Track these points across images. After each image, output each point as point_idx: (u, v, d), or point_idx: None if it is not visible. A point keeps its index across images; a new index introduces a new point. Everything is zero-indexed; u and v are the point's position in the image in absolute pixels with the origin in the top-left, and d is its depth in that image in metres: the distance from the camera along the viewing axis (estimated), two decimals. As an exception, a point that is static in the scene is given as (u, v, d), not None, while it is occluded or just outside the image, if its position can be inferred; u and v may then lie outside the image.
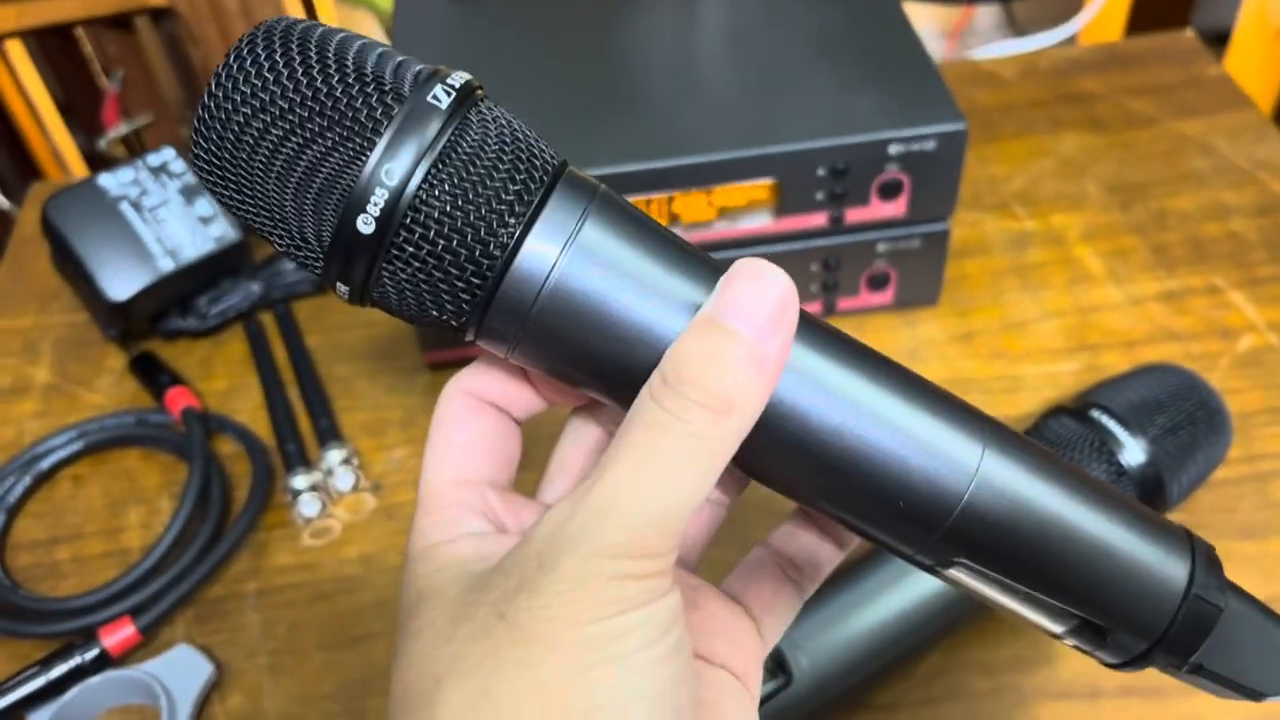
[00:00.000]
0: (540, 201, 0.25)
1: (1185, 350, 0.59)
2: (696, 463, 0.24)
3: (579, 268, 0.25)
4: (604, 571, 0.24)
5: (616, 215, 0.26)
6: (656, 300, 0.26)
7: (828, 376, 0.26)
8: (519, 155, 0.25)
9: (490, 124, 0.25)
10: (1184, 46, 0.78)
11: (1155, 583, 0.29)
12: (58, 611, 0.52)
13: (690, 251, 0.27)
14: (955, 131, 0.54)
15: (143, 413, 0.60)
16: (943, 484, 0.27)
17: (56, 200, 0.60)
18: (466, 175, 0.24)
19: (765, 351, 0.24)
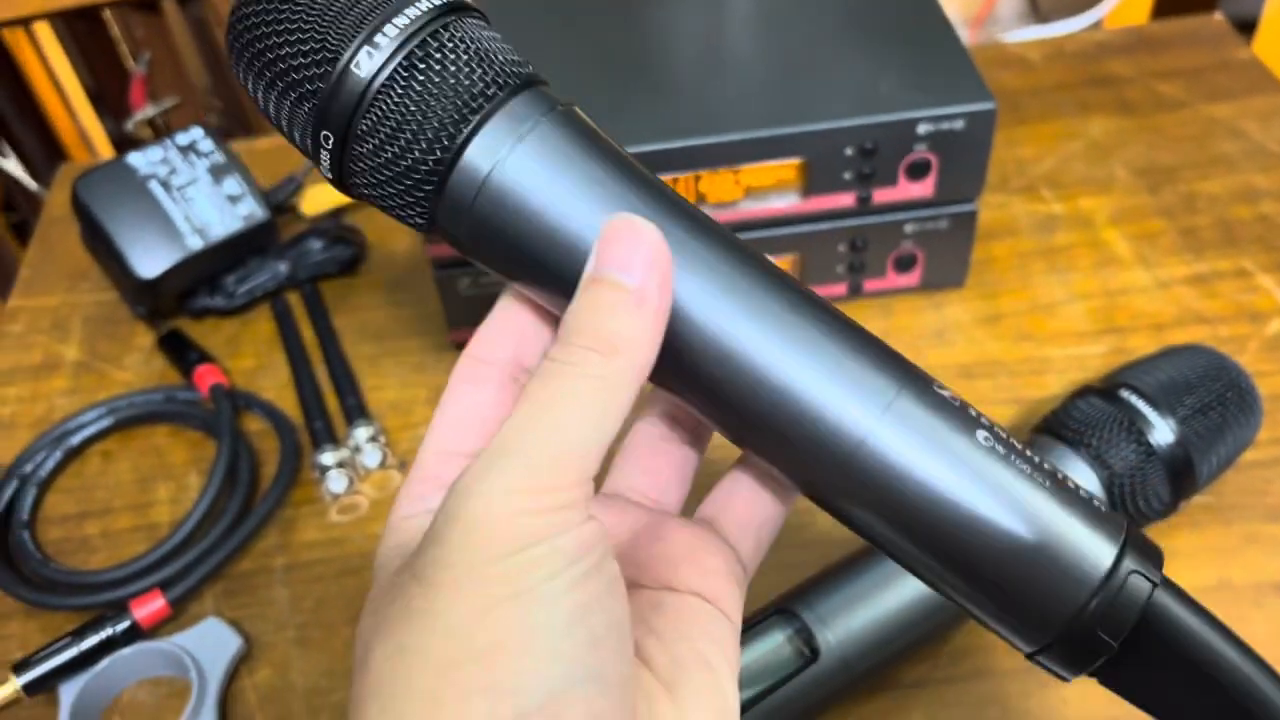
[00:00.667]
0: (496, 107, 0.27)
1: (1214, 333, 0.59)
2: (590, 401, 0.25)
3: (519, 169, 0.27)
4: (502, 510, 0.24)
5: (571, 130, 0.28)
6: (590, 212, 0.27)
7: (740, 319, 0.27)
8: (486, 64, 0.27)
9: (467, 37, 0.27)
10: (1213, 30, 0.78)
11: (1073, 560, 0.27)
12: (89, 584, 0.52)
13: (642, 176, 0.28)
14: (984, 111, 0.53)
15: (171, 390, 0.60)
16: (845, 421, 0.27)
17: (87, 179, 0.61)
18: (429, 77, 0.27)
19: (643, 293, 0.26)
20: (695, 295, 0.27)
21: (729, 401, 0.28)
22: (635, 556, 0.31)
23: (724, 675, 0.29)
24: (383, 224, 0.70)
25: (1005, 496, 0.27)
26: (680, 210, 0.28)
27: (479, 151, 0.27)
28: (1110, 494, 0.46)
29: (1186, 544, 0.50)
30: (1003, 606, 0.28)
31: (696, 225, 0.28)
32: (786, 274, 0.29)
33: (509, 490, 0.25)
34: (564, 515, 0.25)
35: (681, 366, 0.28)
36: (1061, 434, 0.48)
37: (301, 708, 0.49)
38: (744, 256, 0.28)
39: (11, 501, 0.56)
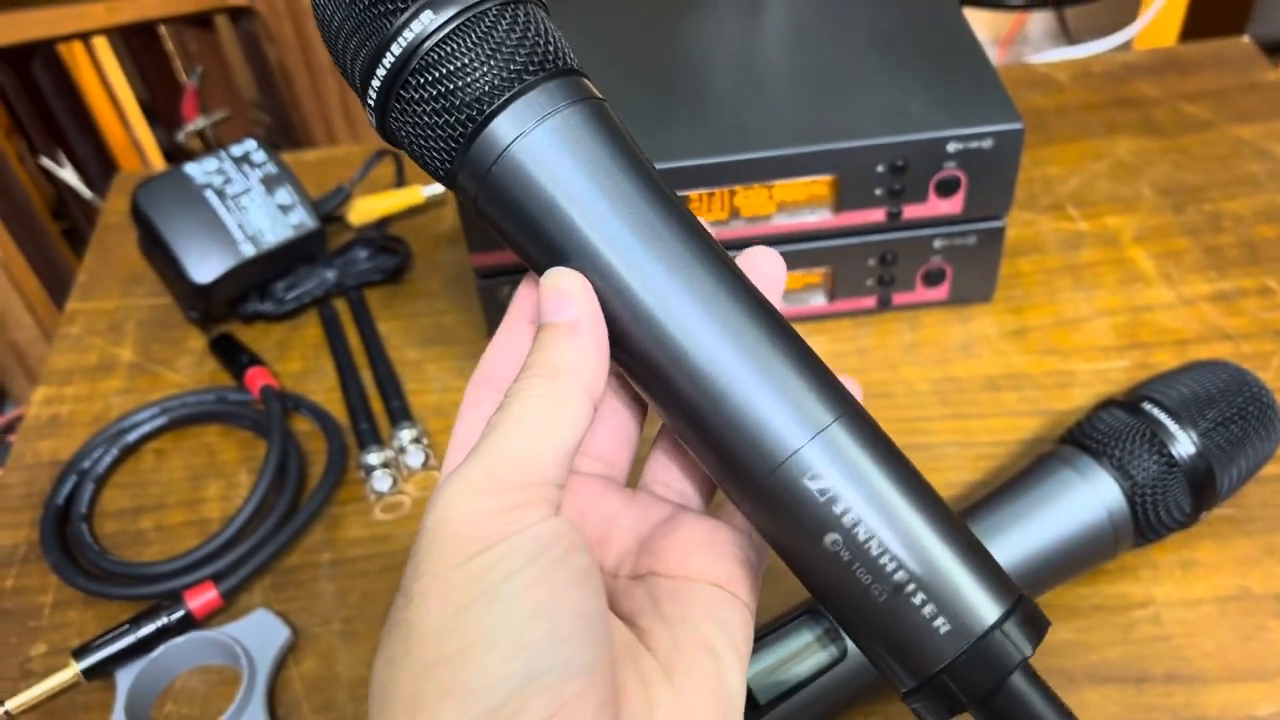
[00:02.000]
0: (533, 85, 0.29)
1: (1237, 350, 0.60)
2: (540, 415, 0.28)
3: (538, 145, 0.29)
4: (463, 513, 0.27)
5: (595, 122, 0.30)
6: (591, 199, 0.29)
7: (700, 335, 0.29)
8: (533, 46, 0.30)
9: (523, 20, 0.30)
10: (1241, 52, 0.79)
11: (960, 609, 0.28)
12: (145, 575, 0.54)
13: (649, 178, 0.30)
14: (1012, 131, 0.55)
15: (223, 390, 0.63)
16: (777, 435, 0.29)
17: (146, 188, 0.63)
18: (478, 42, 0.29)
19: (576, 324, 0.29)
20: (658, 287, 0.29)
21: (677, 399, 0.30)
22: (654, 547, 0.32)
23: (727, 660, 0.30)
24: (427, 234, 0.72)
25: (909, 538, 0.28)
26: (674, 216, 0.30)
27: (506, 122, 0.29)
28: (1132, 505, 0.47)
29: (1208, 555, 0.52)
30: (885, 644, 0.29)
31: (686, 233, 0.30)
32: (754, 291, 0.31)
33: (467, 493, 0.27)
34: (521, 514, 0.27)
35: (632, 348, 0.30)
36: (1085, 445, 0.49)
37: (345, 697, 0.51)
38: (724, 271, 0.30)
39: (70, 496, 0.59)
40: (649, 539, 0.33)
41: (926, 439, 0.58)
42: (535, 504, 0.27)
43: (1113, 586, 0.51)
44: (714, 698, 0.29)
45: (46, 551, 0.56)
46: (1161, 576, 0.51)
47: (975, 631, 0.28)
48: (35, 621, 0.54)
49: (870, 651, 0.30)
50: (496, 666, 0.25)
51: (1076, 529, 0.48)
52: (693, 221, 0.30)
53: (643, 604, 0.31)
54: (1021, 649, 0.28)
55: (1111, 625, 0.49)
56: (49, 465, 0.61)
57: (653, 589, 0.31)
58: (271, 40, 0.93)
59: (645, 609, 0.31)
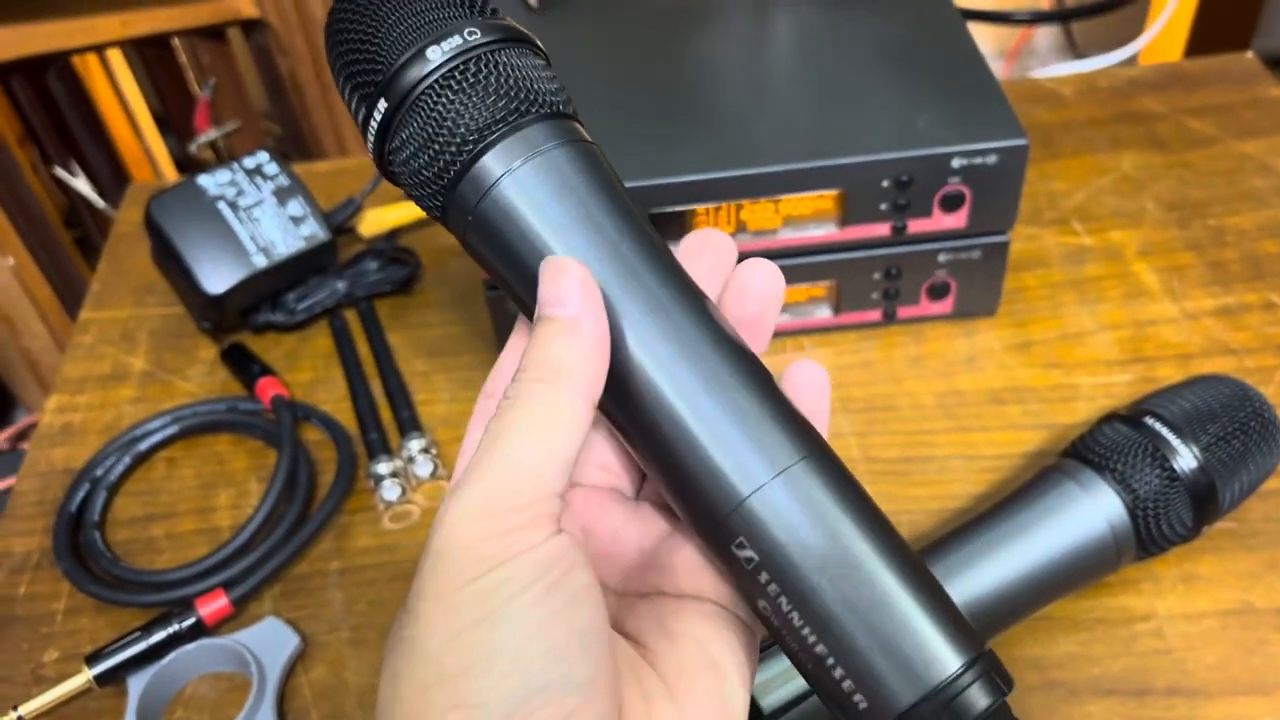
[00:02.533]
0: (518, 128, 0.30)
1: (1240, 364, 0.60)
2: (540, 425, 0.28)
3: (520, 185, 0.30)
4: (465, 537, 0.27)
5: (579, 163, 0.30)
6: (572, 239, 0.30)
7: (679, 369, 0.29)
8: (520, 89, 0.31)
9: (510, 64, 0.31)
10: (1245, 68, 0.80)
11: (876, 688, 0.27)
12: (157, 583, 0.55)
13: (630, 218, 0.31)
14: (1017, 146, 0.56)
15: (234, 400, 0.63)
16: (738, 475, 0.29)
17: (159, 199, 0.64)
18: (470, 88, 0.30)
19: (578, 321, 0.29)
20: (633, 322, 0.30)
21: (650, 437, 0.30)
22: (659, 563, 0.32)
23: (731, 678, 0.30)
24: (437, 246, 0.73)
25: (827, 614, 0.28)
26: (648, 250, 0.31)
27: (491, 162, 0.30)
28: (1134, 518, 0.48)
29: (1210, 569, 0.52)
30: (825, 700, 0.29)
31: (658, 265, 0.30)
32: (722, 326, 0.31)
33: (469, 518, 0.27)
34: (523, 536, 0.27)
35: (625, 402, 0.30)
36: (1088, 458, 0.49)
37: (353, 704, 0.51)
38: (691, 302, 0.30)
39: (83, 503, 0.59)
40: (654, 554, 0.33)
41: (931, 452, 0.58)
42: (537, 523, 0.27)
43: (1115, 599, 0.51)
44: (715, 714, 0.29)
45: (59, 558, 0.56)
46: (1164, 590, 0.51)
47: (892, 711, 0.27)
48: (47, 628, 0.55)
49: (835, 687, 0.29)
50: (497, 684, 0.26)
51: (1079, 542, 0.48)
52: (673, 264, 0.31)
53: (649, 622, 0.31)
54: (977, 703, 0.27)
55: (1114, 638, 0.50)
56: (62, 473, 0.62)
57: (658, 607, 0.31)
58: (283, 52, 0.94)
59: (651, 627, 0.31)
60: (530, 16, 0.69)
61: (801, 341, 0.63)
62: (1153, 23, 1.23)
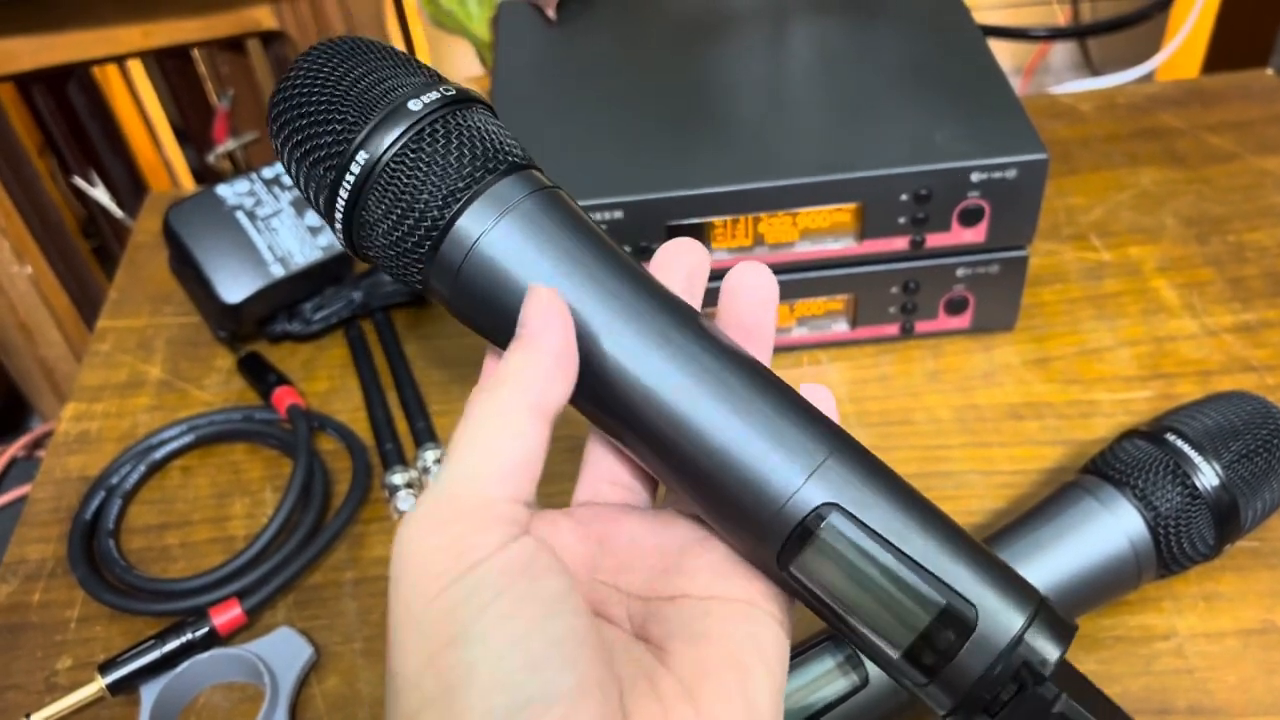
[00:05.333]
0: (485, 188, 0.31)
1: (1261, 381, 0.60)
2: (483, 430, 0.28)
3: (498, 242, 0.30)
4: (418, 551, 0.27)
5: (549, 211, 0.31)
6: (555, 281, 0.30)
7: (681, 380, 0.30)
8: (479, 149, 0.31)
9: (466, 126, 0.31)
10: (1265, 84, 0.79)
11: (985, 620, 0.28)
12: (171, 591, 0.55)
13: (607, 250, 0.31)
14: (1036, 161, 0.55)
15: (250, 409, 0.63)
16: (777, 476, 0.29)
17: (178, 208, 0.64)
18: (421, 161, 0.31)
19: (531, 332, 0.29)
20: (634, 352, 0.30)
21: (668, 457, 0.30)
22: (684, 566, 0.32)
23: (757, 675, 0.29)
24: (451, 257, 0.73)
25: (927, 568, 0.28)
26: (634, 279, 0.31)
27: (468, 222, 0.30)
28: (1155, 536, 0.47)
29: (1231, 587, 0.51)
30: (921, 669, 0.29)
31: (646, 292, 0.31)
32: (720, 338, 0.31)
33: (419, 533, 0.27)
34: (473, 542, 0.27)
35: (618, 413, 0.31)
36: (1108, 475, 0.49)
37: (366, 715, 0.51)
38: (686, 321, 0.31)
39: (98, 511, 0.59)
40: (677, 557, 0.32)
41: (948, 467, 0.58)
42: (486, 528, 0.27)
43: (1135, 618, 0.51)
44: (740, 714, 0.28)
45: (74, 566, 0.56)
46: (1184, 608, 0.51)
47: (999, 644, 0.28)
48: (61, 635, 0.55)
49: (910, 674, 0.29)
50: (480, 702, 0.25)
51: (1099, 559, 0.48)
52: (657, 286, 0.32)
53: (674, 625, 0.30)
54: (1047, 654, 0.28)
55: (1134, 656, 0.49)
56: (77, 481, 0.62)
57: (683, 610, 0.31)
58: (302, 64, 0.94)
59: (676, 631, 0.30)
60: (548, 29, 0.69)
61: (818, 355, 0.63)
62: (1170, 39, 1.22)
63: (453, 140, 0.31)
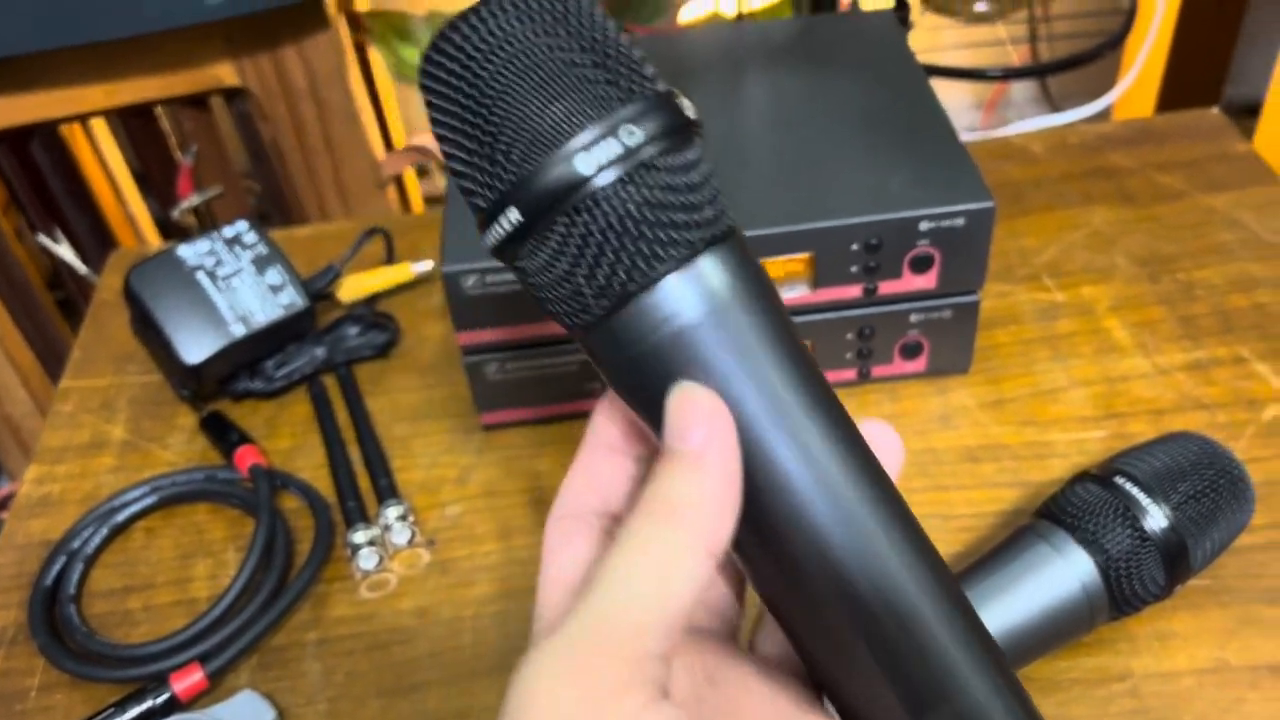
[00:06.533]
0: (692, 256, 0.26)
1: (1211, 419, 0.61)
2: (646, 574, 0.24)
3: (694, 330, 0.26)
4: (543, 705, 0.23)
5: (753, 299, 0.27)
6: (745, 390, 0.27)
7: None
8: (696, 205, 0.26)
9: (685, 168, 0.26)
10: (1211, 123, 0.81)
11: None
12: (131, 657, 0.55)
13: (799, 357, 0.28)
14: (983, 209, 0.56)
15: (212, 469, 0.63)
16: None
17: (139, 270, 0.65)
18: (652, 197, 0.25)
19: (701, 455, 0.25)
20: (814, 497, 0.27)
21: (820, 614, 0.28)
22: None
23: None
24: (416, 309, 0.73)
25: None
26: (824, 402, 0.28)
27: (660, 298, 0.26)
28: (1106, 578, 0.48)
29: (1184, 626, 0.52)
30: None
31: (836, 427, 0.28)
32: (898, 499, 0.29)
33: (549, 674, 0.23)
34: (613, 705, 0.23)
35: (775, 550, 0.27)
36: (1060, 519, 0.50)
37: (331, 778, 0.51)
38: (878, 482, 0.28)
39: (59, 576, 0.59)
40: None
41: (907, 511, 0.58)
42: (631, 689, 0.23)
43: (1091, 659, 0.51)
44: None
45: (35, 633, 0.56)
46: (1139, 649, 0.51)
47: None
48: (21, 704, 0.55)
49: None
50: None
51: (1052, 603, 0.48)
52: (839, 408, 0.29)
53: None
54: None
55: (1090, 698, 0.50)
56: (39, 545, 0.62)
57: None
58: (265, 119, 0.95)
59: None
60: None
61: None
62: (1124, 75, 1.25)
63: (669, 189, 0.25)
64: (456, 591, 0.57)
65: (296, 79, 0.91)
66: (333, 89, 0.93)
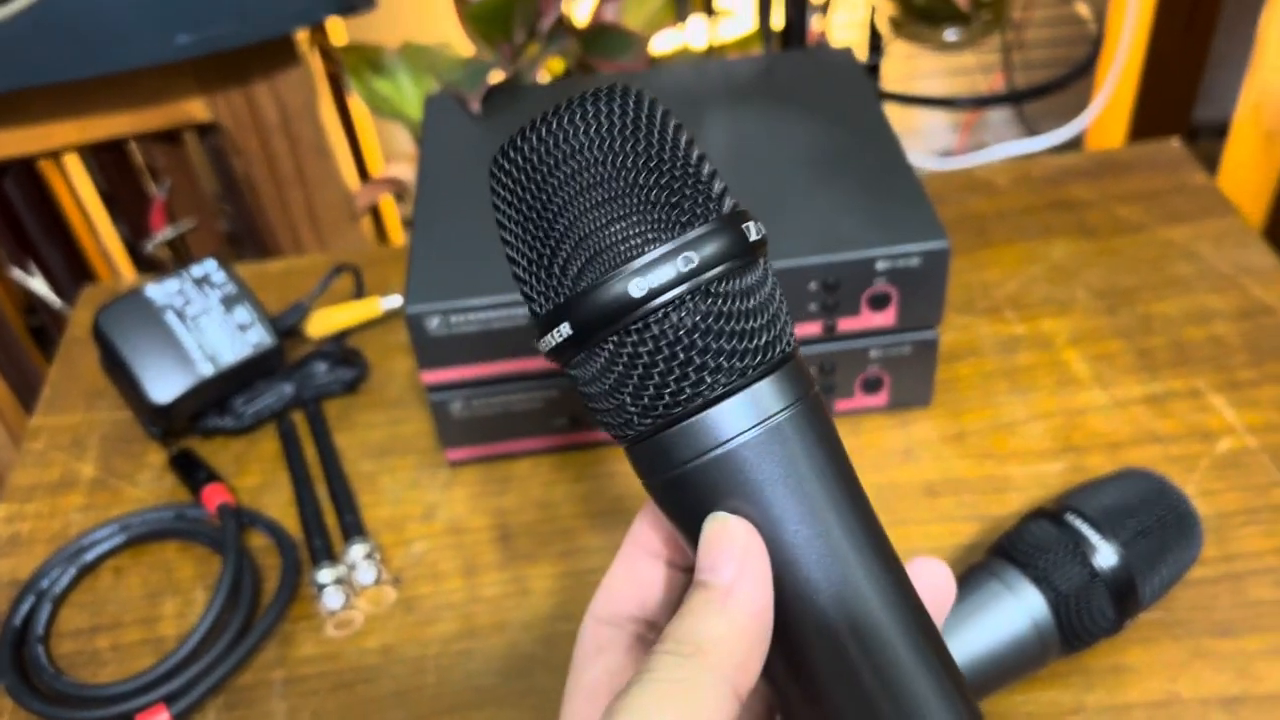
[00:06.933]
0: (751, 380, 0.26)
1: (1166, 452, 0.62)
2: (670, 710, 0.24)
3: (744, 458, 0.26)
4: None
5: (807, 430, 0.27)
6: (794, 520, 0.26)
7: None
8: (765, 324, 0.26)
9: (749, 291, 0.26)
10: (1171, 155, 0.82)
11: None
12: (98, 698, 0.55)
13: (851, 493, 0.28)
14: (938, 249, 0.57)
15: (181, 508, 0.64)
16: None
17: (107, 311, 0.65)
18: (703, 324, 0.25)
19: (730, 589, 0.25)
20: (857, 635, 0.27)
21: None
22: None
23: None
24: (384, 344, 0.74)
25: None
26: (874, 541, 0.28)
27: (712, 422, 0.26)
28: (1057, 614, 0.49)
29: (1137, 659, 0.53)
30: None
31: (884, 566, 0.28)
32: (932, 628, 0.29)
33: None
34: None
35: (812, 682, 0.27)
36: (1012, 556, 0.51)
37: (295, 818, 0.51)
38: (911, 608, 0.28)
39: (28, 617, 0.60)
40: None
41: (867, 546, 0.59)
42: None
43: (1045, 693, 0.52)
44: None
45: (2, 674, 0.56)
46: (1093, 683, 0.52)
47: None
48: (-12, 746, 0.55)
49: None
50: None
51: (1006, 639, 0.49)
52: (887, 546, 0.29)
53: None
54: None
55: (1044, 733, 0.51)
56: (8, 585, 0.62)
57: None
58: (237, 153, 0.96)
59: None
60: (473, 121, 0.71)
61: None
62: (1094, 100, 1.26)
63: (729, 315, 0.25)
64: (421, 629, 0.58)
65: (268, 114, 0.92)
66: (304, 123, 0.94)
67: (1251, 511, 0.58)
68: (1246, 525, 0.58)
